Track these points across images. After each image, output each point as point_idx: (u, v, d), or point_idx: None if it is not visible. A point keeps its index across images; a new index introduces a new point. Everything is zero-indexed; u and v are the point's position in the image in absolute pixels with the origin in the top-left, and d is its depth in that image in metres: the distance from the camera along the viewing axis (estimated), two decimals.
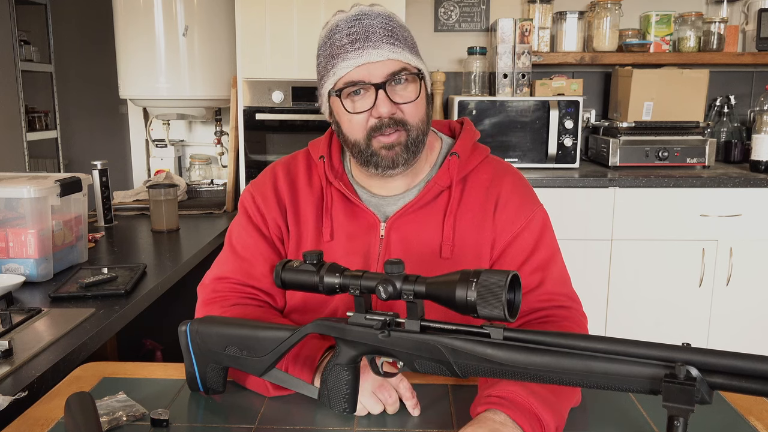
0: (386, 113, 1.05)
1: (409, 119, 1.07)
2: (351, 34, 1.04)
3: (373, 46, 1.03)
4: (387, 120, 1.05)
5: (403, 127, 1.06)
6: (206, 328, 0.96)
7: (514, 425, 0.81)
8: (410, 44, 1.08)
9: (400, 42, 1.05)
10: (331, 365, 0.89)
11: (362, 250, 1.12)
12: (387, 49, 1.03)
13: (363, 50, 1.03)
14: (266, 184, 1.18)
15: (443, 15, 3.13)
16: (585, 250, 2.58)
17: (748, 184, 2.54)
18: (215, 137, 2.97)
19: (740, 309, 2.62)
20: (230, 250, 1.16)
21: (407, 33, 1.09)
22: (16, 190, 1.56)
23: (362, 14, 1.06)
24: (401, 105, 1.05)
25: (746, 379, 0.66)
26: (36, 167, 4.23)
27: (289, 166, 1.20)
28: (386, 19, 1.06)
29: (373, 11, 1.07)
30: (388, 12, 1.09)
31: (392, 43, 1.04)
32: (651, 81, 2.78)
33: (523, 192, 1.16)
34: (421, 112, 1.08)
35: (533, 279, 1.09)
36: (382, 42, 1.03)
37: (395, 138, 1.06)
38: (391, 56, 1.03)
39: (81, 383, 1.03)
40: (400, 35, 1.06)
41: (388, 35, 1.04)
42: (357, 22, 1.05)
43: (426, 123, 1.10)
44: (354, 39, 1.03)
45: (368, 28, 1.04)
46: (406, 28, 1.10)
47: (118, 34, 2.71)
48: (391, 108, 1.05)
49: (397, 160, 1.08)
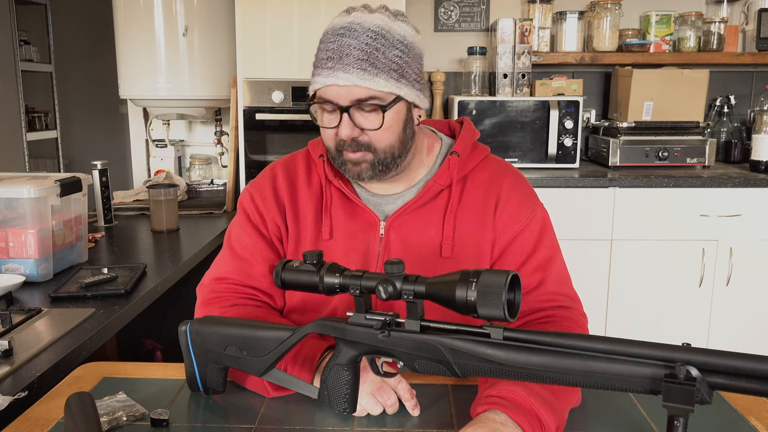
0: (347, 136, 1.04)
1: (375, 144, 1.05)
2: (329, 50, 1.02)
3: (343, 69, 1.00)
4: (350, 141, 1.04)
5: (368, 150, 1.05)
6: (206, 328, 0.96)
7: (515, 425, 0.81)
8: (392, 67, 1.01)
9: (375, 67, 1.00)
10: (331, 365, 0.89)
11: (362, 248, 1.12)
12: (356, 74, 0.99)
13: (333, 71, 1.00)
14: (265, 184, 1.18)
15: (443, 15, 3.13)
16: (585, 250, 2.58)
17: (748, 184, 2.54)
18: (215, 137, 2.97)
19: (740, 309, 2.62)
20: (229, 251, 1.16)
21: (396, 52, 1.02)
22: (16, 190, 1.56)
23: (348, 29, 1.01)
24: (366, 129, 1.04)
25: (746, 379, 0.66)
26: (36, 167, 4.23)
27: (288, 165, 1.20)
28: (371, 37, 1.00)
29: (363, 24, 1.01)
30: (380, 24, 1.01)
31: (364, 69, 0.99)
32: (651, 81, 2.78)
33: (524, 191, 1.16)
34: (390, 137, 1.05)
35: (533, 279, 1.08)
36: (353, 66, 0.99)
37: (360, 156, 1.06)
38: (358, 83, 1.00)
39: (81, 383, 1.03)
40: (379, 59, 1.00)
41: (362, 59, 0.99)
42: (338, 38, 1.01)
43: (399, 146, 1.07)
44: (329, 57, 1.01)
45: (344, 48, 1.00)
46: (400, 44, 1.02)
47: (118, 34, 2.71)
48: (353, 132, 1.03)
49: (363, 176, 1.08)
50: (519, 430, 0.81)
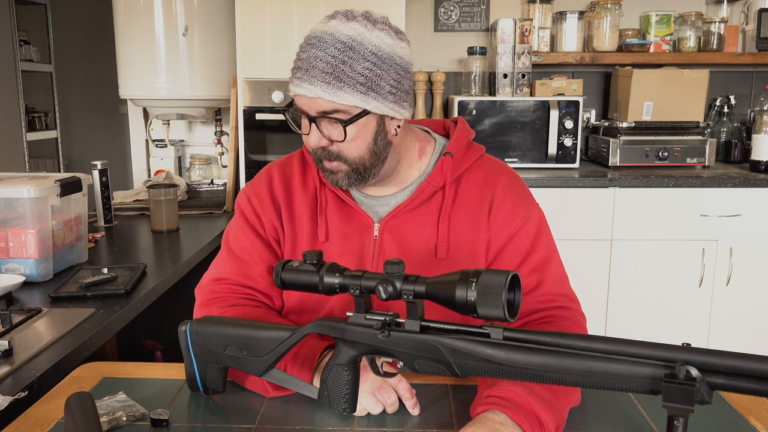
0: (313, 146, 1.05)
1: (345, 154, 1.05)
2: (300, 59, 1.02)
3: (309, 81, 1.00)
4: (321, 151, 1.05)
5: (339, 160, 1.06)
6: (206, 328, 0.96)
7: (514, 426, 0.81)
8: (360, 80, 1.00)
9: (340, 81, 0.99)
10: (331, 365, 0.89)
11: (356, 250, 1.12)
12: (320, 87, 0.99)
13: (301, 82, 1.01)
14: (262, 185, 1.18)
15: (443, 15, 3.13)
16: (585, 250, 2.58)
17: (748, 184, 2.54)
18: (215, 137, 2.97)
19: (740, 309, 2.62)
20: (227, 252, 1.16)
21: (366, 64, 1.00)
22: (16, 190, 1.56)
23: (319, 38, 1.01)
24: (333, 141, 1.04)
25: (746, 379, 0.66)
26: (36, 167, 4.23)
27: (284, 167, 1.20)
28: (339, 50, 0.99)
29: (334, 35, 1.00)
30: (352, 37, 1.00)
31: (328, 82, 0.99)
32: (651, 81, 2.78)
33: (518, 191, 1.15)
34: (359, 149, 1.05)
35: (531, 280, 1.08)
36: (317, 79, 0.99)
37: (335, 166, 1.07)
38: (322, 96, 0.99)
39: (81, 383, 1.03)
40: (345, 72, 0.99)
41: (327, 72, 0.99)
42: (309, 48, 1.01)
43: (371, 157, 1.06)
44: (298, 66, 1.02)
45: (312, 59, 1.00)
46: (372, 56, 1.00)
47: (118, 34, 2.71)
48: (320, 141, 1.04)
49: (340, 184, 1.09)
50: (519, 430, 0.81)
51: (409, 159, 1.14)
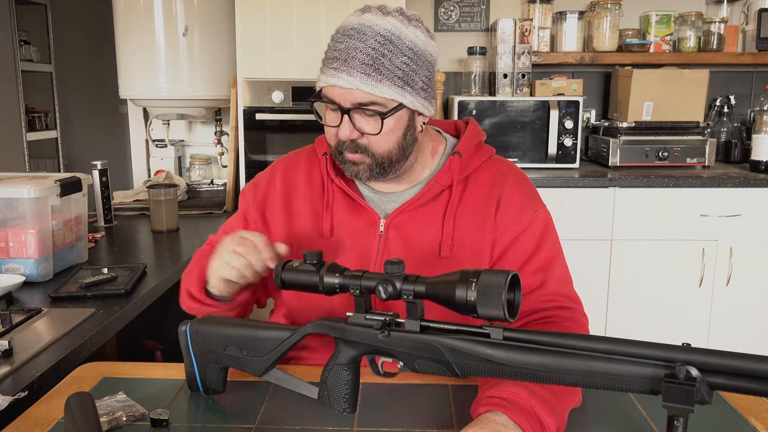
0: (345, 137, 1.05)
1: (373, 148, 1.06)
2: (336, 49, 1.02)
3: (347, 72, 1.00)
4: (349, 143, 1.05)
5: (366, 153, 1.06)
6: (206, 328, 0.97)
7: (516, 427, 0.81)
8: (398, 74, 1.01)
9: (379, 73, 1.00)
10: (331, 365, 0.89)
11: (361, 246, 1.13)
12: (359, 79, 1.00)
13: (338, 72, 1.01)
14: (263, 180, 1.23)
15: (443, 15, 3.13)
16: (585, 250, 2.58)
17: (748, 184, 2.54)
18: (215, 137, 2.97)
19: (740, 309, 2.62)
20: (221, 230, 1.24)
21: (404, 59, 1.02)
22: (16, 190, 1.56)
23: (357, 30, 1.01)
24: (365, 134, 1.05)
25: (746, 379, 0.66)
26: (36, 167, 4.23)
27: (289, 163, 1.23)
28: (379, 42, 1.00)
29: (373, 27, 1.01)
30: (391, 31, 1.01)
31: (367, 74, 0.99)
32: (651, 81, 2.78)
33: (526, 192, 1.15)
34: (389, 143, 1.05)
35: (535, 279, 1.08)
36: (357, 70, 1.00)
37: (358, 158, 1.07)
38: (361, 87, 1.00)
39: (81, 383, 1.03)
40: (385, 65, 1.00)
41: (367, 64, 0.99)
42: (346, 39, 1.01)
43: (399, 151, 1.07)
44: (335, 57, 1.02)
45: (351, 50, 1.00)
46: (409, 51, 1.02)
47: (118, 34, 2.71)
48: (352, 133, 1.04)
49: (361, 176, 1.09)
50: (519, 431, 0.81)
51: (424, 158, 1.16)
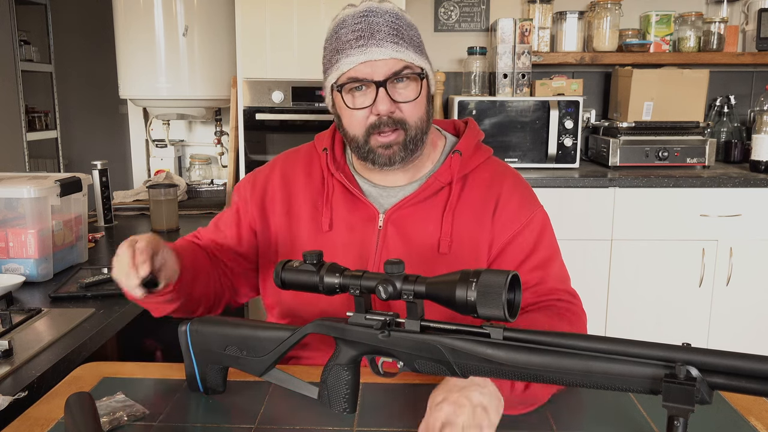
0: (385, 111, 1.06)
1: (408, 118, 1.08)
2: (356, 30, 1.05)
3: (377, 44, 1.04)
4: (386, 118, 1.06)
5: (402, 127, 1.07)
6: (206, 328, 0.97)
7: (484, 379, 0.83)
8: (415, 43, 1.08)
9: (404, 41, 1.06)
10: (331, 365, 0.89)
11: (360, 241, 1.13)
12: (390, 47, 1.04)
13: (367, 47, 1.04)
14: (261, 175, 1.24)
15: (443, 15, 3.13)
16: (585, 250, 2.58)
17: (748, 184, 2.54)
18: (215, 137, 2.97)
19: (740, 309, 2.62)
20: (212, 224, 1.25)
21: (414, 31, 1.09)
22: (16, 190, 1.56)
23: (369, 11, 1.06)
24: (401, 104, 1.06)
25: (746, 379, 0.66)
26: (36, 167, 4.23)
27: (289, 158, 1.24)
28: (393, 17, 1.07)
29: (381, 8, 1.07)
30: (395, 9, 1.09)
31: (396, 42, 1.05)
32: (651, 81, 2.78)
33: (524, 193, 1.16)
34: (420, 111, 1.09)
35: (533, 276, 1.09)
36: (386, 40, 1.04)
37: (393, 138, 1.08)
38: (394, 55, 1.04)
39: (81, 383, 1.03)
40: (405, 34, 1.07)
41: (392, 34, 1.05)
42: (363, 19, 1.05)
43: (426, 122, 1.11)
44: (359, 36, 1.04)
45: (373, 25, 1.05)
46: (413, 26, 1.10)
47: (118, 34, 2.71)
48: (390, 106, 1.06)
49: (394, 159, 1.09)
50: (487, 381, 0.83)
51: (428, 148, 1.17)
